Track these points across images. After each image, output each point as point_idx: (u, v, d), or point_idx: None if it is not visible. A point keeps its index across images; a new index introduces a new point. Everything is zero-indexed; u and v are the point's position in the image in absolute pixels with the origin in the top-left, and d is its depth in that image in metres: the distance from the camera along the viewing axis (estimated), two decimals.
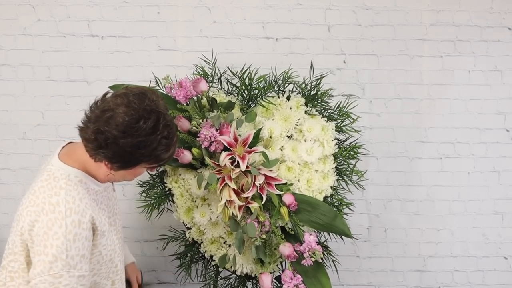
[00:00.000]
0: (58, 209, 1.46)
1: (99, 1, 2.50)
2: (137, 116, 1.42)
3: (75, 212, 1.47)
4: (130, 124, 1.41)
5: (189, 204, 2.06)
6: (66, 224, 1.45)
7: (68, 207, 1.46)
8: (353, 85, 2.57)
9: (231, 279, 2.22)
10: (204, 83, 2.01)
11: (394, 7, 2.55)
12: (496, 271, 2.71)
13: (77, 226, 1.46)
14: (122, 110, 1.41)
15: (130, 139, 1.41)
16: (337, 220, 1.99)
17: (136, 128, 1.41)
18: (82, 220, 1.47)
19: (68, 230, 1.44)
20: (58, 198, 1.47)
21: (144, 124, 1.41)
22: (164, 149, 1.47)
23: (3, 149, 2.55)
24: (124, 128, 1.41)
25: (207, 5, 2.52)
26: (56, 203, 1.46)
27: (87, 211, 1.50)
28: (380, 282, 2.72)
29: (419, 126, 2.61)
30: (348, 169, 2.12)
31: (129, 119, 1.41)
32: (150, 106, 1.44)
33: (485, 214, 2.67)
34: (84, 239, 1.48)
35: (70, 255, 1.44)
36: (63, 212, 1.46)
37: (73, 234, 1.45)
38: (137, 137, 1.42)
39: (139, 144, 1.42)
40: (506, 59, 2.58)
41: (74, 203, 1.48)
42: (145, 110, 1.43)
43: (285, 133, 2.07)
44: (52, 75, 2.53)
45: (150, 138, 1.43)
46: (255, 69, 2.20)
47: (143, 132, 1.42)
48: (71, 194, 1.49)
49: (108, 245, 1.60)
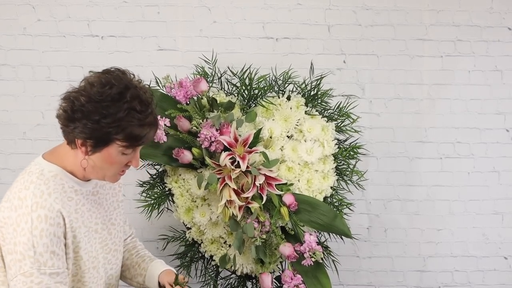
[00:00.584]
0: (25, 203, 1.39)
1: (99, 1, 2.50)
2: (104, 81, 1.38)
3: (42, 206, 1.39)
4: (96, 88, 1.37)
5: (189, 204, 2.06)
6: (32, 219, 1.38)
7: (34, 201, 1.39)
8: (353, 85, 2.57)
9: (231, 279, 2.22)
10: (204, 83, 2.01)
11: (394, 7, 2.55)
12: (496, 271, 2.71)
13: (43, 222, 1.38)
14: (93, 78, 1.40)
15: (94, 104, 1.35)
16: (337, 220, 1.99)
17: (101, 92, 1.36)
18: (49, 215, 1.39)
19: (34, 226, 1.37)
20: (27, 192, 1.41)
21: (109, 89, 1.36)
22: (135, 123, 1.38)
23: (3, 149, 2.55)
24: (89, 92, 1.36)
25: (207, 5, 2.52)
26: (24, 198, 1.40)
27: (56, 206, 1.41)
28: (380, 282, 2.72)
29: (419, 126, 2.61)
30: (348, 169, 2.12)
31: (96, 84, 1.37)
32: (120, 77, 1.40)
33: (485, 214, 2.66)
34: (53, 235, 1.39)
35: (38, 251, 1.37)
36: (29, 207, 1.39)
37: (39, 230, 1.37)
38: (101, 102, 1.35)
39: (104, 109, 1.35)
40: (506, 59, 2.58)
41: (42, 197, 1.40)
42: (115, 78, 1.39)
43: (285, 133, 2.07)
44: (52, 75, 2.53)
45: (116, 105, 1.36)
46: (255, 69, 2.20)
47: (108, 97, 1.36)
48: (40, 188, 1.41)
49: (89, 251, 1.51)
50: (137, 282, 1.71)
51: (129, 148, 1.42)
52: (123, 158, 1.44)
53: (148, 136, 1.43)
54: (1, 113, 2.55)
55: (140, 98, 1.40)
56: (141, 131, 1.40)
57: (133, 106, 1.37)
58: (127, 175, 1.85)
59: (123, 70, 1.44)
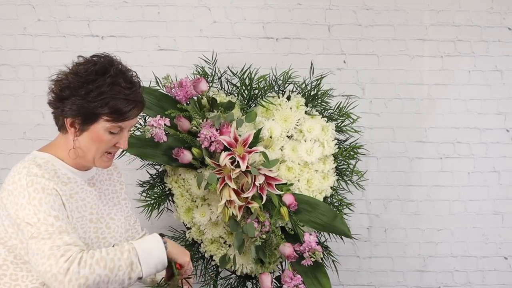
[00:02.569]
0: (20, 183, 1.39)
1: (99, 1, 2.50)
2: (91, 60, 1.47)
3: (37, 182, 1.39)
4: (81, 65, 1.46)
5: (189, 204, 2.06)
6: (28, 193, 1.37)
7: (29, 179, 1.39)
8: (353, 85, 2.57)
9: (231, 279, 2.22)
10: (204, 83, 2.01)
11: (394, 7, 2.55)
12: (496, 271, 2.71)
13: (40, 192, 1.38)
14: (79, 61, 1.49)
15: (79, 79, 1.43)
16: (337, 220, 1.99)
17: (86, 68, 1.44)
18: (45, 187, 1.39)
19: (31, 197, 1.37)
20: (20, 176, 1.41)
21: (93, 66, 1.44)
22: (120, 97, 1.43)
23: (3, 149, 2.55)
24: (75, 70, 1.45)
25: (207, 5, 2.52)
26: (18, 180, 1.40)
27: (50, 183, 1.41)
28: (380, 282, 2.72)
29: (419, 126, 2.61)
30: (348, 169, 2.12)
31: (80, 62, 1.47)
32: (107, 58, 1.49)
33: (485, 214, 2.66)
34: (52, 202, 1.38)
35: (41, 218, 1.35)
36: (24, 185, 1.39)
37: (37, 200, 1.37)
38: (86, 77, 1.43)
39: (90, 84, 1.42)
40: (506, 59, 2.58)
41: (36, 176, 1.40)
42: (100, 57, 1.48)
43: (285, 133, 2.07)
44: (52, 75, 2.53)
45: (100, 78, 1.42)
46: (255, 69, 2.20)
47: (92, 72, 1.43)
48: (32, 171, 1.41)
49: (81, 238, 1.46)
50: (151, 279, 1.70)
51: (115, 123, 1.45)
52: (110, 137, 1.47)
53: (132, 112, 1.46)
54: (1, 113, 2.55)
55: (125, 75, 1.47)
56: (125, 105, 1.44)
57: (116, 80, 1.43)
58: (127, 175, 1.86)
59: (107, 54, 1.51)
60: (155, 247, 1.44)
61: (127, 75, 1.48)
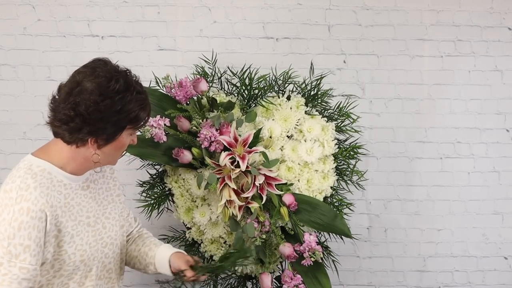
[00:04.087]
0: (10, 195, 1.39)
1: (99, 1, 2.50)
2: (108, 76, 1.41)
3: (26, 199, 1.38)
4: (104, 85, 1.40)
5: (189, 204, 2.06)
6: (14, 211, 1.37)
7: (19, 194, 1.39)
8: (353, 85, 2.57)
9: (231, 279, 2.22)
10: (204, 83, 2.01)
11: (394, 7, 2.55)
12: (496, 271, 2.71)
13: (24, 214, 1.37)
14: (90, 78, 1.41)
15: (109, 100, 1.39)
16: (337, 220, 1.99)
17: (111, 87, 1.40)
18: (31, 208, 1.38)
19: (14, 217, 1.36)
20: (12, 186, 1.40)
21: (116, 83, 1.41)
22: (141, 106, 1.46)
23: (3, 149, 2.55)
24: (100, 91, 1.39)
25: (207, 5, 2.52)
26: (10, 190, 1.40)
27: (40, 200, 1.40)
28: (380, 282, 2.72)
29: (419, 126, 2.61)
30: (348, 169, 2.12)
31: (100, 81, 1.40)
32: (113, 67, 1.46)
33: (485, 214, 2.67)
34: (32, 229, 1.38)
35: (12, 243, 1.36)
36: (13, 199, 1.38)
37: (18, 222, 1.37)
38: (115, 96, 1.40)
39: (120, 103, 1.40)
40: (506, 59, 2.58)
41: (27, 191, 1.39)
42: (112, 70, 1.44)
43: (285, 133, 2.07)
44: (52, 75, 2.53)
45: (127, 95, 1.42)
46: (255, 69, 2.20)
47: (118, 89, 1.41)
48: (26, 182, 1.41)
49: (77, 244, 1.49)
50: (151, 270, 1.73)
51: (137, 129, 1.52)
52: (129, 139, 1.52)
53: (149, 114, 1.52)
54: (1, 113, 2.55)
55: (138, 81, 1.49)
56: (145, 112, 1.49)
57: (138, 90, 1.45)
58: (127, 175, 1.86)
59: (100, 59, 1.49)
60: None
61: (139, 83, 1.50)
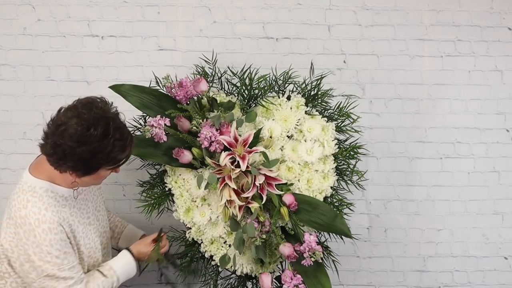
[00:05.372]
0: (28, 221, 1.60)
1: (99, 1, 2.50)
2: (87, 124, 1.54)
3: (43, 221, 1.61)
4: (82, 133, 1.54)
5: (189, 204, 2.06)
6: (38, 234, 1.60)
7: (35, 218, 1.60)
8: (353, 85, 2.57)
9: (231, 279, 2.22)
10: (204, 83, 2.01)
11: (394, 7, 2.55)
12: (496, 271, 2.71)
13: (49, 233, 1.61)
14: (74, 122, 1.55)
15: (85, 147, 1.54)
16: (337, 220, 1.99)
17: (88, 135, 1.54)
18: (51, 227, 1.61)
19: (42, 239, 1.60)
20: (26, 211, 1.61)
21: (94, 131, 1.54)
22: (119, 150, 1.60)
23: (3, 149, 2.55)
24: (78, 138, 1.53)
25: (207, 5, 2.52)
26: (25, 216, 1.61)
27: (54, 218, 1.63)
28: (380, 282, 2.72)
29: (419, 126, 2.62)
30: (348, 169, 2.12)
31: (80, 129, 1.54)
32: (98, 113, 1.57)
33: (485, 214, 2.67)
34: (60, 241, 1.64)
35: (54, 255, 1.62)
36: (32, 224, 1.60)
37: (48, 241, 1.60)
38: (91, 144, 1.54)
39: (94, 150, 1.55)
40: (506, 59, 2.58)
41: (40, 214, 1.61)
42: (94, 118, 1.56)
43: (285, 133, 2.07)
44: (52, 75, 2.53)
45: (103, 143, 1.56)
46: (255, 69, 2.20)
47: (95, 138, 1.54)
48: (36, 205, 1.62)
49: (86, 243, 1.77)
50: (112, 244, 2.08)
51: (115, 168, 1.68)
52: (108, 172, 1.69)
53: (131, 152, 1.68)
54: (1, 113, 2.55)
55: (120, 128, 1.61)
56: (123, 154, 1.64)
57: (117, 137, 1.59)
58: (127, 175, 1.88)
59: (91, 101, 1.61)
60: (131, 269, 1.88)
61: (121, 125, 1.62)
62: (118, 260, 1.86)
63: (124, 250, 1.91)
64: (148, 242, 1.96)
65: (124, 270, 1.85)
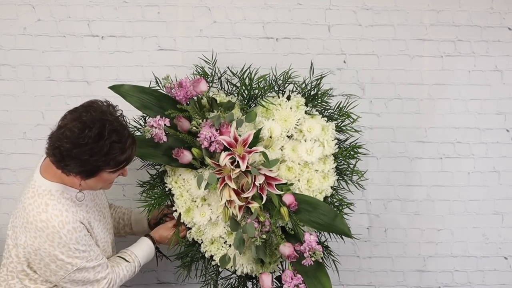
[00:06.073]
0: (51, 224, 1.64)
1: (99, 1, 2.50)
2: (82, 126, 1.57)
3: (66, 222, 1.66)
4: (77, 135, 1.57)
5: (189, 204, 2.06)
6: (64, 235, 1.65)
7: (58, 221, 1.65)
8: (353, 85, 2.57)
9: (231, 279, 2.22)
10: (204, 83, 2.01)
11: (394, 7, 2.55)
12: (496, 271, 2.71)
13: (74, 233, 1.67)
14: (72, 124, 1.58)
15: (79, 149, 1.57)
16: (337, 220, 1.99)
17: (82, 137, 1.56)
18: (75, 227, 1.68)
19: (68, 238, 1.66)
20: (47, 215, 1.65)
21: (89, 132, 1.57)
22: (118, 152, 1.62)
23: (3, 149, 2.55)
24: (73, 139, 1.57)
25: (207, 5, 2.52)
26: (47, 219, 1.65)
27: (74, 217, 1.69)
28: (380, 282, 2.72)
29: (419, 126, 2.61)
30: (348, 169, 2.12)
31: (77, 130, 1.57)
32: (95, 115, 1.60)
33: (485, 214, 2.67)
34: (84, 236, 1.71)
35: (81, 250, 1.69)
36: (56, 226, 1.64)
37: (74, 239, 1.67)
38: (86, 145, 1.57)
39: (90, 151, 1.57)
40: (506, 59, 2.58)
41: (62, 215, 1.66)
42: (90, 120, 1.59)
43: (285, 133, 2.07)
44: (52, 75, 2.53)
45: (98, 144, 1.58)
46: (255, 69, 2.20)
47: (89, 140, 1.57)
48: (56, 208, 1.67)
49: (101, 237, 1.84)
50: (125, 232, 2.18)
51: (117, 171, 1.70)
52: (114, 175, 1.73)
53: (132, 155, 1.70)
54: (1, 113, 2.55)
55: (117, 130, 1.62)
56: (124, 156, 1.66)
57: (113, 140, 1.60)
58: (127, 176, 1.87)
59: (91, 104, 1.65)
60: (150, 253, 2.02)
61: (119, 128, 1.63)
62: (138, 245, 1.99)
63: (143, 237, 2.04)
64: (169, 226, 2.07)
65: (145, 254, 1.99)
